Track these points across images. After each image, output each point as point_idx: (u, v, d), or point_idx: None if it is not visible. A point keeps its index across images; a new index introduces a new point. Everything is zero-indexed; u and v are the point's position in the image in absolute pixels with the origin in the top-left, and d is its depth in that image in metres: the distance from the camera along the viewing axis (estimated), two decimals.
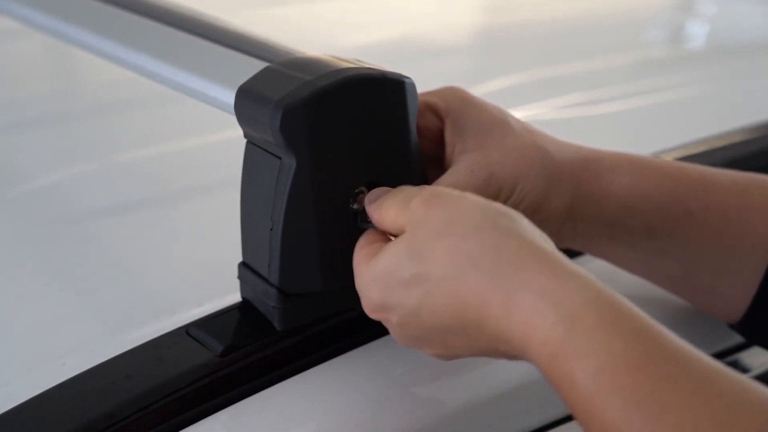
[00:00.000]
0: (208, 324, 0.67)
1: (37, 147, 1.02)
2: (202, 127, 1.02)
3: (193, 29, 0.72)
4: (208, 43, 0.70)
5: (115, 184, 0.93)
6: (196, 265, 0.77)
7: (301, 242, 0.62)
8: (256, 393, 0.63)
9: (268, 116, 0.59)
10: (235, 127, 0.64)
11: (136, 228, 0.85)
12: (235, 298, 0.69)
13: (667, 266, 0.72)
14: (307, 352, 0.66)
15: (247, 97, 0.62)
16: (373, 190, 0.63)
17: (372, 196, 0.62)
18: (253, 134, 0.63)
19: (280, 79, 0.61)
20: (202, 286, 0.73)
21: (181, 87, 0.70)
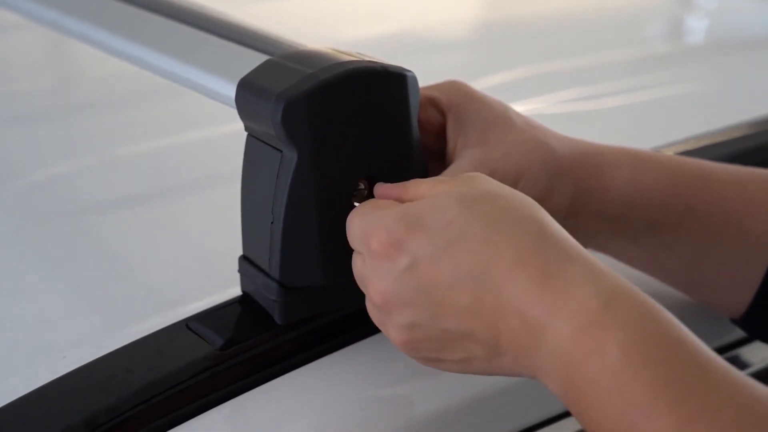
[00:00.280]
0: (208, 318, 0.66)
1: (36, 140, 1.01)
2: (202, 120, 1.02)
3: (194, 22, 0.72)
4: (209, 36, 0.70)
5: (116, 178, 0.93)
6: (197, 259, 0.77)
7: (301, 236, 0.62)
8: (257, 387, 0.63)
9: (270, 109, 0.59)
10: (236, 121, 0.64)
11: (136, 222, 0.85)
12: (235, 291, 0.68)
13: (669, 261, 0.71)
14: (308, 346, 0.66)
15: (248, 90, 0.62)
16: (381, 184, 0.62)
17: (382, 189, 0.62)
18: (254, 127, 0.63)
19: (281, 72, 0.61)
20: (202, 280, 0.73)
21: (182, 80, 0.70)
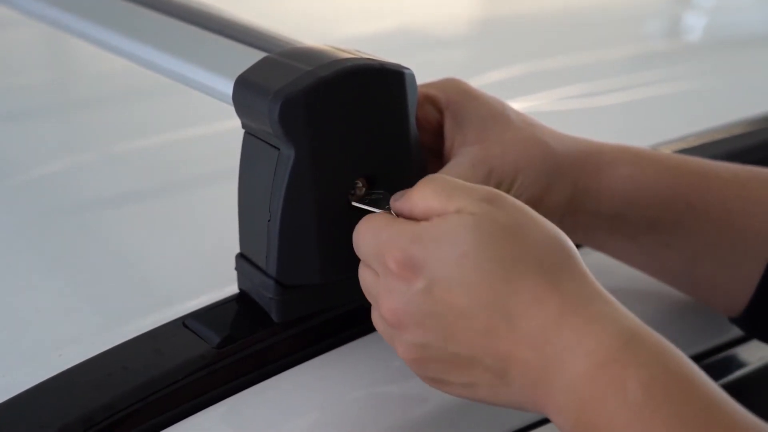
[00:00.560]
0: (205, 316, 0.66)
1: (33, 137, 1.01)
2: (200, 117, 1.01)
3: (192, 19, 0.72)
4: (207, 33, 0.70)
5: (113, 175, 0.92)
6: (194, 257, 0.77)
7: (299, 234, 0.62)
8: (254, 385, 0.63)
9: (267, 107, 0.59)
10: (234, 118, 0.64)
11: (133, 219, 0.84)
12: (232, 289, 0.68)
13: (668, 259, 0.71)
14: (305, 344, 0.66)
15: (245, 87, 0.62)
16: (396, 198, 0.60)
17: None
18: (251, 125, 0.63)
19: (278, 70, 0.61)
20: (199, 278, 0.73)
21: (180, 77, 0.70)
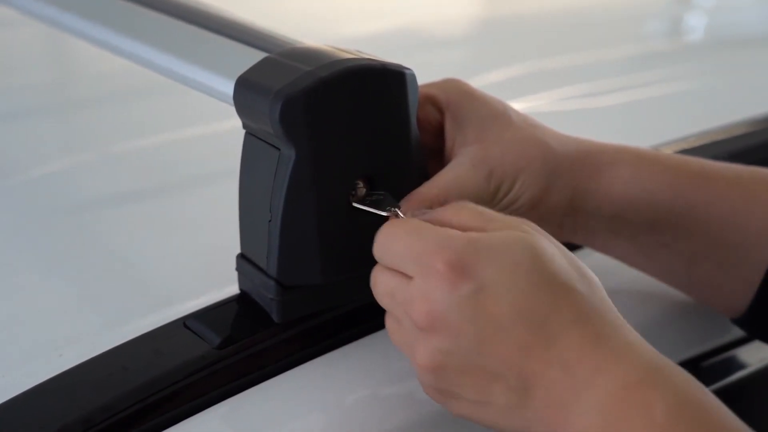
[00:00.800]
0: (205, 316, 0.66)
1: (34, 137, 1.01)
2: (200, 117, 1.01)
3: (192, 19, 0.72)
4: (207, 33, 0.70)
5: (113, 175, 0.92)
6: (194, 257, 0.77)
7: (299, 234, 0.62)
8: (254, 386, 0.63)
9: (268, 107, 0.59)
10: (234, 118, 0.64)
11: (133, 219, 0.84)
12: (233, 290, 0.68)
13: (669, 260, 0.71)
14: (306, 345, 0.65)
15: (246, 88, 0.62)
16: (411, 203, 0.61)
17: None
18: (252, 125, 0.63)
19: (279, 70, 0.61)
20: (200, 278, 0.73)
21: (180, 77, 0.70)
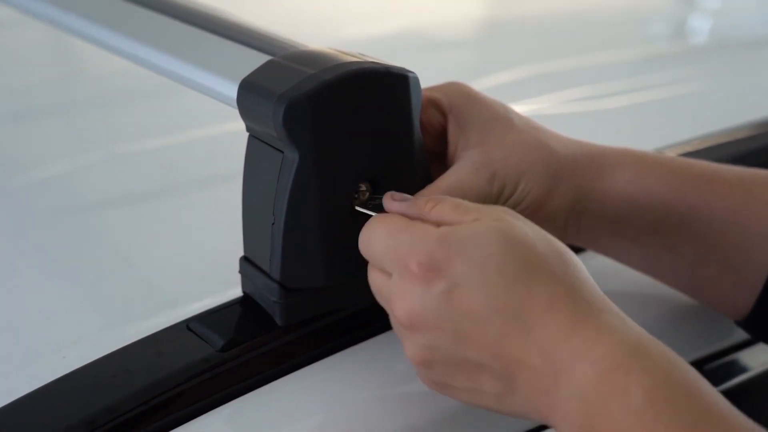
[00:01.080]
0: (208, 319, 0.66)
1: (39, 138, 1.01)
2: (204, 119, 1.02)
3: (196, 22, 0.72)
4: (211, 36, 0.70)
5: (117, 177, 0.92)
6: (198, 259, 0.77)
7: (302, 237, 0.62)
8: (257, 388, 0.63)
9: (271, 110, 0.59)
10: (238, 120, 0.64)
11: (137, 221, 0.84)
12: (236, 292, 0.68)
13: (672, 262, 0.71)
14: (309, 348, 0.66)
15: (249, 91, 0.62)
16: (393, 200, 0.61)
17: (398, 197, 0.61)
18: (256, 128, 0.63)
19: (283, 73, 0.61)
20: (203, 281, 0.73)
21: (184, 79, 0.70)
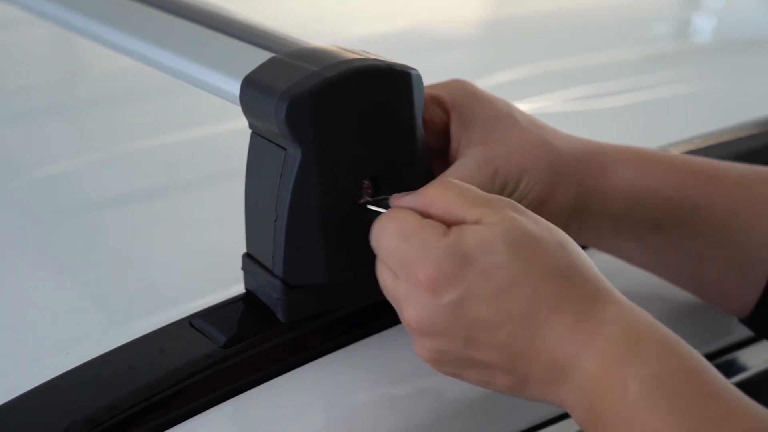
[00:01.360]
0: (211, 315, 0.66)
1: (41, 137, 1.01)
2: (207, 117, 1.02)
3: (199, 19, 0.72)
4: (214, 33, 0.70)
5: (119, 175, 0.92)
6: (200, 256, 0.77)
7: (305, 234, 0.62)
8: (260, 385, 0.63)
9: (274, 107, 0.59)
10: (240, 118, 0.64)
11: (140, 218, 0.85)
12: (238, 289, 0.68)
13: (675, 260, 0.71)
14: (311, 345, 0.66)
15: (252, 88, 0.62)
16: (400, 197, 0.60)
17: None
18: (258, 125, 0.63)
19: (285, 70, 0.61)
20: (205, 277, 0.73)
21: (187, 77, 0.70)
